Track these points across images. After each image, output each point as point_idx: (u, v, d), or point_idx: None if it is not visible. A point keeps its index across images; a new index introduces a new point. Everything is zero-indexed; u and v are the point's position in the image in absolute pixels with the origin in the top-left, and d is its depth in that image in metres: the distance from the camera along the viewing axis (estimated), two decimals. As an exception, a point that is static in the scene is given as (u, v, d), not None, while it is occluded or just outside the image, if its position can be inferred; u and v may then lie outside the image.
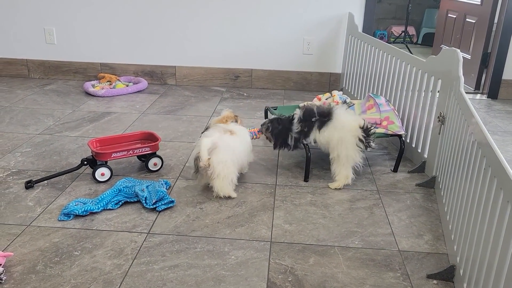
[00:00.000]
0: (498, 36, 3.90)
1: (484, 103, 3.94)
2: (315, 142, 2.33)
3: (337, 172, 2.30)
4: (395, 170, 2.55)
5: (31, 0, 4.03)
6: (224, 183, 2.10)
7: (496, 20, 4.01)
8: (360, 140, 2.25)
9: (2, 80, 4.14)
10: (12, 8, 4.06)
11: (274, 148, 2.41)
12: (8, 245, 1.79)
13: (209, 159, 2.04)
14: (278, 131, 2.35)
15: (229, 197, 2.16)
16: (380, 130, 2.52)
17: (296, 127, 2.31)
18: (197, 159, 2.08)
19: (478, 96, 4.12)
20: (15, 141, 2.78)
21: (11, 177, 2.33)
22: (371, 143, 2.29)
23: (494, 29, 4.03)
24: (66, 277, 1.62)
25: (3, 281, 1.58)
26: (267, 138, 2.42)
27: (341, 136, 2.25)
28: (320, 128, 2.29)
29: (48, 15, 4.07)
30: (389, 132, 2.52)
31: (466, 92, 4.13)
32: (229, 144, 2.11)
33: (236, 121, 2.34)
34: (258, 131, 2.46)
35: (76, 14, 4.05)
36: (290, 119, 2.34)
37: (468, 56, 4.30)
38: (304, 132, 2.32)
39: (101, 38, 4.12)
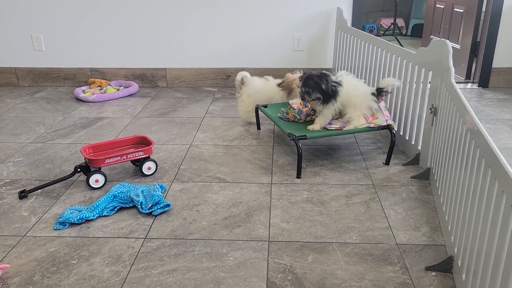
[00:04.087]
0: (487, 25, 3.92)
1: (475, 92, 3.95)
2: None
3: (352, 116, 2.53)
4: (387, 163, 2.55)
5: (17, 7, 4.00)
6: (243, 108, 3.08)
7: (484, 9, 4.03)
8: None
9: (-9, 90, 4.11)
10: (-2, 17, 4.03)
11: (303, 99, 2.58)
12: (4, 257, 1.77)
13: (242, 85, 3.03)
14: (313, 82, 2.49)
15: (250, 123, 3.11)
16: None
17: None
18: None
19: (469, 85, 4.14)
20: (7, 151, 2.75)
21: (4, 187, 2.31)
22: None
23: (482, 17, 4.04)
24: (64, 286, 1.61)
25: (0, 294, 1.57)
26: (303, 92, 2.54)
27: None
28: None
29: (35, 22, 4.04)
30: (372, 125, 2.52)
31: (457, 82, 4.17)
32: (258, 85, 2.99)
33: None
34: (302, 103, 2.68)
35: (63, 20, 4.02)
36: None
37: (458, 46, 4.31)
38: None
39: (89, 43, 4.09)
